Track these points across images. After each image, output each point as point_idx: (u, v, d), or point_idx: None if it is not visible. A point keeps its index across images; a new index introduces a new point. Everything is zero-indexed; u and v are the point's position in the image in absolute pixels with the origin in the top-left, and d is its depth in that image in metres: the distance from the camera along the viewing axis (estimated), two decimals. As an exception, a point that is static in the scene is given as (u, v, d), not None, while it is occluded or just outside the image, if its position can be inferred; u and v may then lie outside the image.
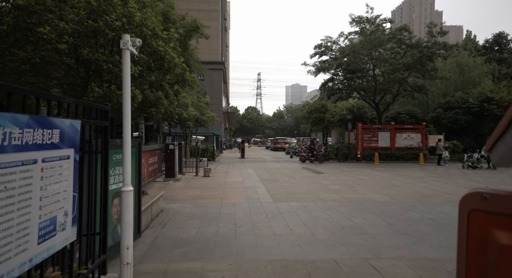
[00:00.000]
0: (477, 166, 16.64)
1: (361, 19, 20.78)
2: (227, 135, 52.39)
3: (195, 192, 9.10)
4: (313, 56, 22.93)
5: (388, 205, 7.48)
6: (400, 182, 11.46)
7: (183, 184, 10.59)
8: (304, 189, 9.80)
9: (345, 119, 24.46)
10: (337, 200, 8.07)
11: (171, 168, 10.96)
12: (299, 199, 8.14)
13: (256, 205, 7.45)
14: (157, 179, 10.85)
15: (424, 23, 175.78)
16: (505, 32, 30.85)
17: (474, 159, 16.89)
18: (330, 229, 5.46)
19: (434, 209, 7.02)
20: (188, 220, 6.04)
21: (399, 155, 21.27)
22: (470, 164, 16.82)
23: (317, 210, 6.95)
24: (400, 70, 19.53)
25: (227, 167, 17.13)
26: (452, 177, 13.08)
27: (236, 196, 8.53)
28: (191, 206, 7.30)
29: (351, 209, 7.00)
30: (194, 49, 22.39)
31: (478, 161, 16.86)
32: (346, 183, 11.14)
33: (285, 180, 11.88)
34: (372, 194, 8.96)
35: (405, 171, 15.56)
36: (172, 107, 6.00)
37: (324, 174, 13.88)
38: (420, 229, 5.50)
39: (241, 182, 11.17)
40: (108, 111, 3.40)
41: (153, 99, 5.43)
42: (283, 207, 7.24)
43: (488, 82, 25.55)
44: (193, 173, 13.24)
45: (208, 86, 33.03)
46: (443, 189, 9.93)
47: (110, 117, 3.58)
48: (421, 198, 8.39)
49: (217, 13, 35.29)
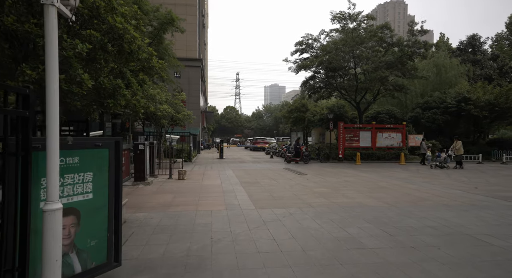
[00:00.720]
0: (444, 165, 16.64)
1: (343, 16, 20.33)
2: (205, 135, 51.06)
3: (167, 198, 8.07)
4: (294, 54, 22.29)
5: (382, 210, 6.81)
6: (387, 183, 10.93)
7: (154, 188, 9.51)
8: (288, 192, 9.01)
9: (326, 118, 24.04)
10: (325, 205, 7.32)
11: (141, 170, 9.85)
12: (284, 205, 7.32)
13: (237, 212, 6.56)
14: (125, 183, 9.72)
15: (398, 26, 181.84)
16: (478, 34, 31.71)
17: (442, 158, 16.88)
18: (323, 243, 4.67)
19: (431, 215, 6.41)
20: (155, 234, 5.05)
21: (380, 155, 21.04)
22: (438, 163, 16.79)
23: (305, 217, 6.16)
24: (381, 68, 19.25)
25: (205, 168, 16.10)
26: (437, 178, 12.75)
27: (213, 202, 7.59)
28: (160, 215, 6.29)
29: (342, 216, 6.26)
30: (170, 44, 21.18)
31: (445, 160, 16.86)
32: (331, 185, 10.47)
33: (267, 182, 11.06)
34: (361, 197, 8.29)
35: (389, 171, 15.17)
36: (135, 99, 4.99)
37: (307, 175, 13.19)
38: (425, 240, 4.82)
39: (219, 185, 10.23)
40: (30, 96, 2.40)
41: (110, 89, 4.41)
42: (267, 214, 6.39)
43: (465, 82, 25.99)
44: (166, 175, 12.14)
45: (185, 84, 31.73)
46: (432, 191, 9.45)
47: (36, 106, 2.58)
48: (413, 201, 7.81)
49: (194, 8, 34.01)
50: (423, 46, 20.12)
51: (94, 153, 3.26)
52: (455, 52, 32.19)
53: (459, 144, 16.81)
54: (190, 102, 32.31)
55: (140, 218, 6.08)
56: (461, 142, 17.05)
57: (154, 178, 11.20)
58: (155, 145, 11.59)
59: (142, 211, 6.67)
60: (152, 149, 11.25)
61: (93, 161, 3.24)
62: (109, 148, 3.40)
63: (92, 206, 3.21)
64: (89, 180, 3.20)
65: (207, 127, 59.29)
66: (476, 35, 31.82)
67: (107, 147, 3.38)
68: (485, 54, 31.39)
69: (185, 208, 6.92)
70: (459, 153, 16.76)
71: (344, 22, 20.60)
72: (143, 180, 9.90)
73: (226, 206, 7.21)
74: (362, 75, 21.76)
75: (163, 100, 16.13)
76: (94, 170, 3.25)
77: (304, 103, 27.04)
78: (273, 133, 72.14)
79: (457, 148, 16.82)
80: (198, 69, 33.86)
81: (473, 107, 21.61)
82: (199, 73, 33.92)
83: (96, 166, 3.27)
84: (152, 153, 11.22)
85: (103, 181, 3.34)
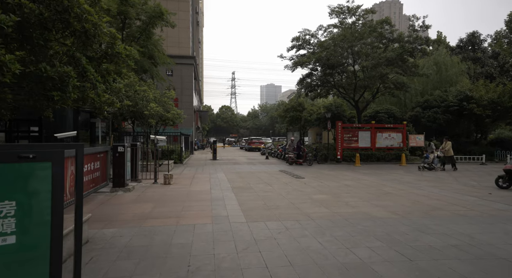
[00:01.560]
0: (432, 167, 15.92)
1: (341, 9, 19.39)
2: (199, 135, 49.99)
3: (145, 208, 7.07)
4: (290, 50, 21.30)
5: (392, 223, 5.88)
6: (392, 188, 10.03)
7: (134, 196, 8.49)
8: (284, 200, 8.06)
9: (323, 118, 23.13)
10: (327, 216, 6.37)
11: (120, 175, 8.82)
12: (280, 216, 6.37)
13: (224, 227, 5.59)
14: (102, 190, 8.72)
15: (394, 26, 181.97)
16: (478, 31, 31.00)
17: (430, 160, 16.11)
18: (328, 272, 3.71)
19: (450, 229, 5.50)
20: (119, 261, 4.06)
21: (379, 156, 20.19)
22: (426, 165, 16.02)
23: (304, 234, 5.21)
24: (381, 65, 18.35)
25: (195, 171, 15.09)
26: (444, 181, 11.89)
27: (198, 214, 6.61)
28: (133, 232, 5.30)
29: (348, 232, 5.31)
30: (160, 39, 20.12)
31: (434, 162, 16.13)
32: (331, 190, 9.54)
33: (261, 187, 10.09)
34: (366, 206, 7.36)
35: (390, 173, 14.30)
36: (94, 93, 3.99)
37: (304, 178, 12.25)
38: (453, 267, 3.89)
39: (207, 192, 9.24)
40: None
41: (56, 78, 3.41)
42: (259, 230, 5.43)
43: (466, 81, 25.23)
44: (152, 179, 11.13)
45: (177, 82, 30.65)
46: (443, 197, 8.55)
47: None
48: (426, 211, 6.90)
49: (187, 3, 32.90)
50: (425, 42, 19.26)
51: (21, 169, 2.06)
52: (454, 50, 31.44)
53: (449, 145, 16.01)
54: (182, 101, 31.26)
55: (107, 236, 5.08)
56: (451, 143, 16.23)
57: (136, 183, 10.19)
58: (139, 146, 10.56)
59: (112, 225, 5.67)
60: (135, 151, 10.23)
61: (18, 183, 2.04)
62: (54, 161, 2.13)
63: (15, 257, 2.01)
64: (8, 214, 2.00)
65: (201, 127, 58.23)
66: (476, 32, 31.10)
67: (48, 160, 2.11)
68: (485, 52, 30.68)
69: (164, 222, 5.93)
70: (449, 154, 15.95)
71: (342, 16, 19.66)
72: (123, 185, 8.88)
73: (213, 218, 6.24)
74: (361, 72, 20.86)
75: (151, 98, 15.11)
76: (20, 196, 2.05)
77: (300, 102, 26.10)
78: (269, 133, 71.20)
79: (446, 148, 16.03)
80: (191, 67, 32.78)
81: (475, 106, 20.84)
82: (192, 71, 32.85)
83: (25, 190, 2.06)
84: (134, 155, 10.20)
85: (40, 214, 2.09)
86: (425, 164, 16.02)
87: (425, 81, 26.41)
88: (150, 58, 19.32)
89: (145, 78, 19.35)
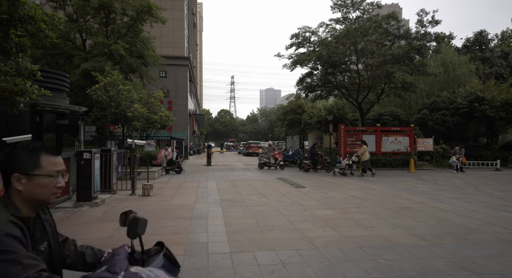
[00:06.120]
0: (345, 172, 14.91)
1: (344, 3, 18.07)
2: (196, 139, 48.55)
3: (106, 231, 5.61)
4: (289, 48, 19.95)
5: (423, 255, 4.43)
6: (408, 201, 8.58)
7: (100, 212, 7.04)
8: (281, 217, 6.61)
9: (324, 121, 21.76)
10: (335, 243, 4.93)
11: (85, 187, 7.38)
12: (274, 243, 4.92)
13: (198, 263, 4.14)
14: (63, 204, 7.29)
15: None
16: (485, 30, 29.72)
17: (342, 165, 15.00)
18: None
19: (505, 264, 4.05)
20: None
21: (386, 161, 18.76)
22: (339, 170, 14.96)
23: (307, 274, 3.76)
24: (388, 63, 16.99)
25: (184, 179, 13.64)
26: (465, 192, 10.45)
27: (169, 239, 5.15)
28: (71, 271, 3.84)
29: (366, 270, 3.87)
30: (150, 37, 18.77)
31: (347, 167, 15.08)
32: (337, 204, 8.09)
33: (254, 200, 8.64)
34: (383, 227, 5.92)
35: (401, 181, 12.86)
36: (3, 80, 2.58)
37: (305, 188, 10.81)
38: None
39: (190, 206, 7.79)
40: None
41: None
42: (245, 267, 3.98)
43: (476, 81, 23.89)
44: (129, 190, 9.68)
45: (171, 84, 29.35)
46: (473, 213, 7.10)
47: None
48: (460, 235, 5.45)
49: (181, 2, 31.65)
50: (434, 39, 17.91)
51: None
52: (461, 50, 30.12)
53: (364, 149, 14.67)
54: (177, 104, 29.92)
55: None
56: (366, 146, 14.86)
57: (110, 195, 8.74)
58: (113, 151, 9.13)
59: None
60: (108, 157, 8.79)
61: None
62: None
63: None
64: None
65: (199, 131, 56.86)
66: (483, 31, 29.79)
67: None
68: (493, 52, 29.37)
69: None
70: (364, 158, 14.59)
71: (346, 11, 18.33)
72: (89, 199, 7.43)
73: (187, 246, 4.80)
74: (365, 71, 19.48)
75: (135, 99, 13.73)
76: None
77: (300, 104, 24.73)
78: (268, 137, 69.71)
79: (360, 153, 14.72)
80: (186, 68, 31.47)
81: (488, 108, 19.44)
82: (187, 73, 31.52)
83: None
84: (107, 162, 8.77)
85: None
86: (338, 169, 15.04)
87: (431, 82, 25.06)
88: (140, 58, 17.99)
89: (133, 78, 17.99)
